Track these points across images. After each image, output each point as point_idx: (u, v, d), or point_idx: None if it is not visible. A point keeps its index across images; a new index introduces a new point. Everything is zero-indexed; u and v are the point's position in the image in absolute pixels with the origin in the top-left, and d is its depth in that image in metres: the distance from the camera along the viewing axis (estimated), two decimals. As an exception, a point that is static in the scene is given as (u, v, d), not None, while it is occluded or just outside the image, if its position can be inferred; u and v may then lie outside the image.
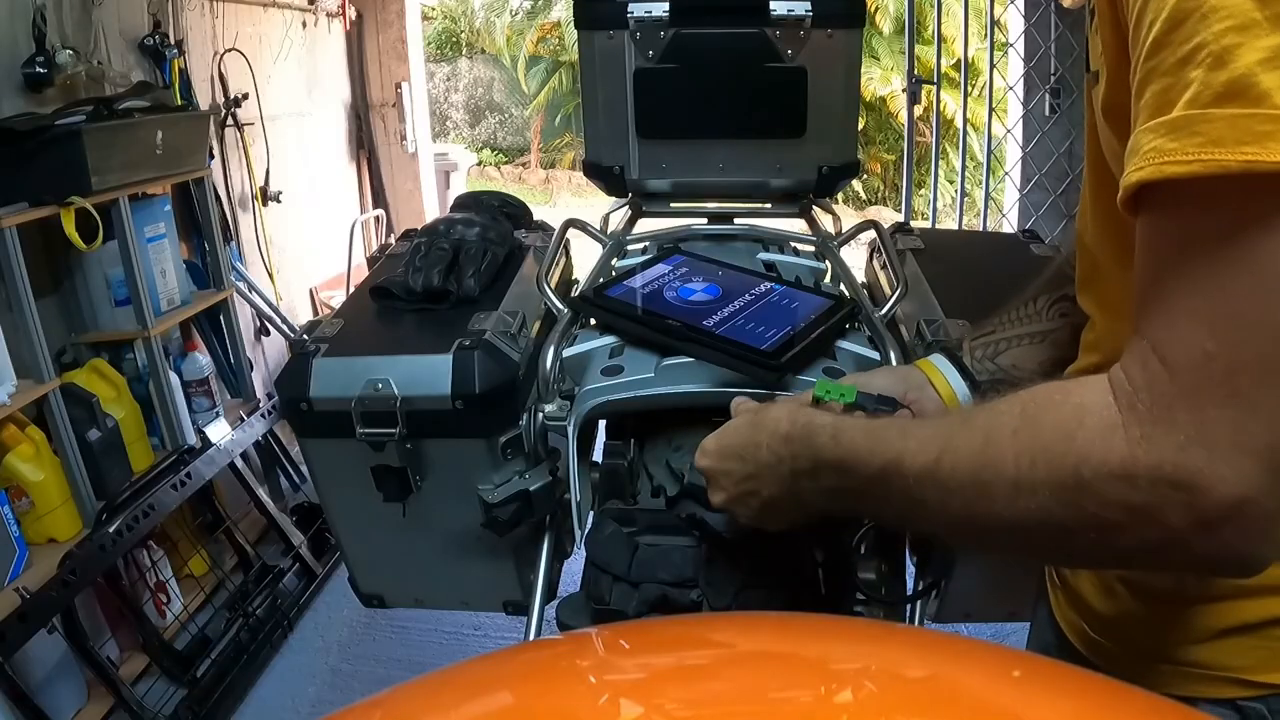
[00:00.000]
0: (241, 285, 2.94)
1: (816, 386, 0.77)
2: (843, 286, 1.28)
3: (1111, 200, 0.53)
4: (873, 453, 0.62)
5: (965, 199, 3.69)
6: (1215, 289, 0.47)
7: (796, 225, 1.46)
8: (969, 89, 4.31)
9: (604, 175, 1.42)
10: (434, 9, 11.59)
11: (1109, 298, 0.68)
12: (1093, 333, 0.72)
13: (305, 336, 1.14)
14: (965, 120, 4.15)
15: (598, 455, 1.07)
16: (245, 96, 3.10)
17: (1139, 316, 0.51)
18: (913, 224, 1.53)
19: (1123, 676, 0.66)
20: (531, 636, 1.16)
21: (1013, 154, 3.55)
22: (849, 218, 1.44)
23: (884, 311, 1.14)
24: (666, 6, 1.22)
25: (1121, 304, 0.57)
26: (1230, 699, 0.64)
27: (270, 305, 3.14)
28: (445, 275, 1.19)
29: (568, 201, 11.02)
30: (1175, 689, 0.65)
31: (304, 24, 3.65)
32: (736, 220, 1.49)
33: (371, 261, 1.54)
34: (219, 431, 2.47)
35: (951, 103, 6.87)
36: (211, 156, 2.81)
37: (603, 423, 1.10)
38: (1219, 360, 0.46)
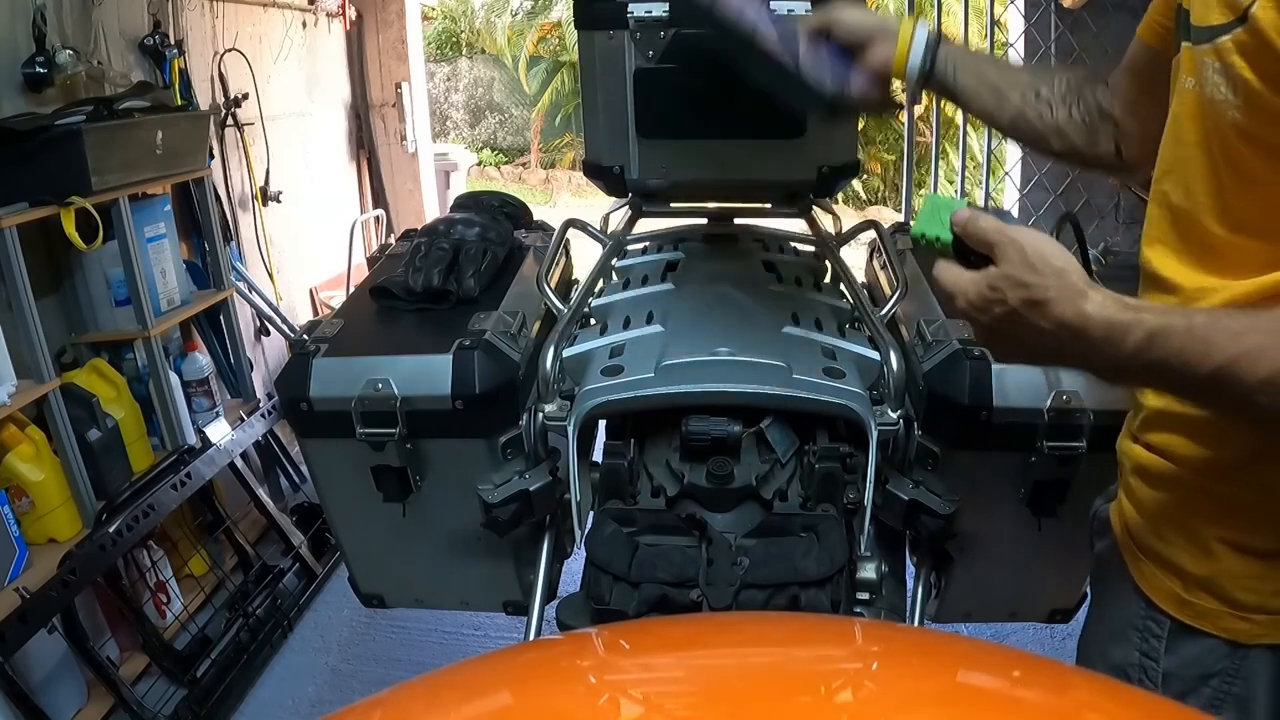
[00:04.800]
0: (241, 285, 2.94)
1: (914, 227, 0.81)
2: (843, 286, 1.28)
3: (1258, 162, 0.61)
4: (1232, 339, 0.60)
5: (965, 199, 3.68)
6: None
7: (796, 225, 1.46)
8: (969, 89, 4.30)
9: (604, 175, 1.42)
10: (434, 9, 11.57)
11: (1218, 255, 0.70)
12: (1176, 295, 0.73)
13: (305, 336, 1.14)
14: (966, 120, 4.14)
15: (598, 455, 1.08)
16: (245, 96, 3.10)
17: None
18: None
19: (1219, 631, 0.72)
20: (531, 636, 1.16)
21: (1013, 154, 3.54)
22: (849, 218, 1.44)
23: (884, 311, 1.14)
24: (666, 6, 1.22)
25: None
26: None
27: (270, 305, 3.13)
28: (445, 275, 1.20)
29: (568, 201, 11.01)
30: (1275, 638, 0.71)
31: (304, 24, 3.65)
32: (736, 220, 1.49)
33: (371, 261, 1.54)
34: (219, 431, 2.47)
35: (952, 103, 6.87)
36: (211, 156, 2.81)
37: (603, 423, 1.10)
38: None
